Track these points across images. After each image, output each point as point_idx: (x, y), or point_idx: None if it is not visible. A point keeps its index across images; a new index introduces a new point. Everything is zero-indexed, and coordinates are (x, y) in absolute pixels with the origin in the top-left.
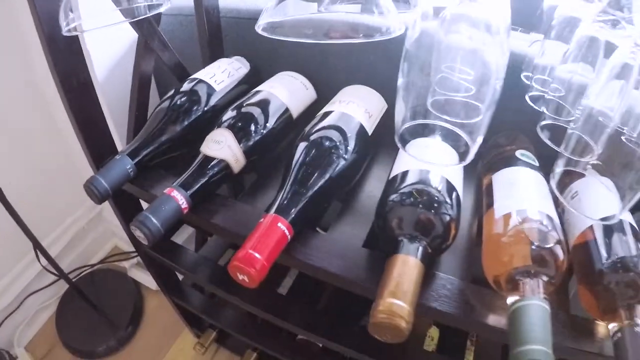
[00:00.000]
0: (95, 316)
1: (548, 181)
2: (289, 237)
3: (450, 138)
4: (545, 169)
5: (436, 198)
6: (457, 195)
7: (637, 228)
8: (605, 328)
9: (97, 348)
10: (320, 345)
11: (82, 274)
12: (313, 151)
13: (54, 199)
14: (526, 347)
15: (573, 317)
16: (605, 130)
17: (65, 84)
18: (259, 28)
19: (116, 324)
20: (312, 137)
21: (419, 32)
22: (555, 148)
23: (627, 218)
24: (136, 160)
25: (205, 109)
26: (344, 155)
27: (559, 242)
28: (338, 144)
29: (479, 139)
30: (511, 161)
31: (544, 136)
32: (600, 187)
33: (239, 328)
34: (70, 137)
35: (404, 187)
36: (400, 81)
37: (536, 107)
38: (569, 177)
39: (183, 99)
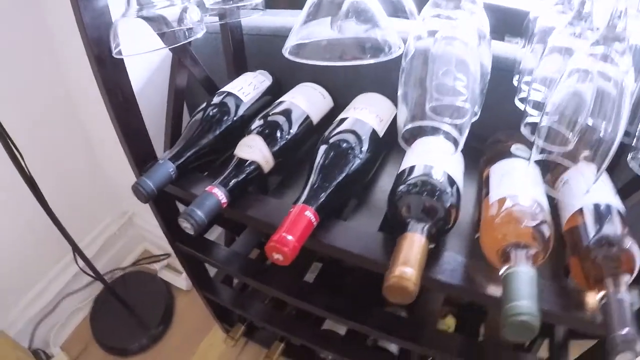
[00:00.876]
0: (128, 316)
1: (544, 172)
2: (314, 222)
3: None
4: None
5: (437, 187)
6: (457, 186)
7: (623, 213)
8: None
9: (129, 346)
10: (343, 333)
11: (115, 277)
12: (332, 152)
13: (87, 206)
14: (514, 303)
15: (566, 289)
16: (576, 122)
17: (112, 99)
18: (286, 52)
19: (148, 323)
20: (331, 140)
21: (412, 51)
22: (531, 139)
23: (616, 204)
24: (177, 164)
25: (235, 118)
26: (359, 155)
27: (544, 222)
28: (353, 145)
29: (466, 132)
30: (506, 154)
31: (526, 132)
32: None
33: (267, 319)
34: (99, 149)
35: (411, 178)
36: (399, 92)
37: (520, 108)
38: (563, 167)
39: (215, 110)
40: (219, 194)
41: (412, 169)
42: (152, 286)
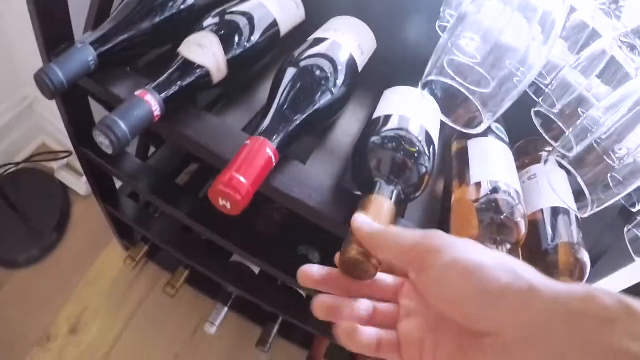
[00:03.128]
0: (17, 221)
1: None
2: (274, 162)
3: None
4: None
5: (417, 147)
6: (434, 148)
7: (579, 218)
8: None
9: (17, 257)
10: (257, 272)
11: (4, 173)
12: (303, 79)
13: None
14: None
15: None
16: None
17: None
18: None
19: (40, 230)
20: (302, 64)
21: None
22: (550, 141)
23: (573, 207)
24: (100, 52)
25: (182, 6)
26: (332, 88)
27: (524, 216)
28: (329, 75)
29: (489, 114)
30: (486, 131)
31: (537, 122)
32: (558, 177)
33: (173, 244)
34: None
35: (387, 130)
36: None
37: (533, 95)
38: (528, 158)
39: None
40: (153, 103)
41: (388, 118)
42: (47, 188)
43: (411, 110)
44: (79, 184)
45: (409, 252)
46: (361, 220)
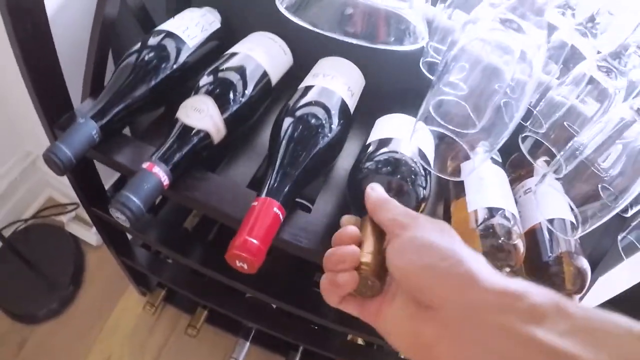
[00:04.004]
0: (33, 276)
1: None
2: (282, 219)
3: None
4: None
5: (413, 169)
6: (430, 176)
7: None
8: None
9: (37, 312)
10: (274, 306)
11: (15, 231)
12: (300, 129)
13: None
14: None
15: None
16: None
17: (17, 25)
18: (281, 3)
19: (56, 284)
20: (297, 114)
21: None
22: (539, 167)
23: (569, 217)
24: (101, 123)
25: (175, 67)
26: (328, 134)
27: (520, 236)
28: (324, 122)
29: (479, 156)
30: None
31: (524, 147)
32: (553, 190)
33: (190, 288)
34: None
35: (380, 154)
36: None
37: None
38: (523, 171)
39: (152, 54)
40: (161, 174)
41: (382, 142)
42: (58, 241)
43: (402, 133)
44: (90, 235)
45: (392, 221)
46: (374, 186)
